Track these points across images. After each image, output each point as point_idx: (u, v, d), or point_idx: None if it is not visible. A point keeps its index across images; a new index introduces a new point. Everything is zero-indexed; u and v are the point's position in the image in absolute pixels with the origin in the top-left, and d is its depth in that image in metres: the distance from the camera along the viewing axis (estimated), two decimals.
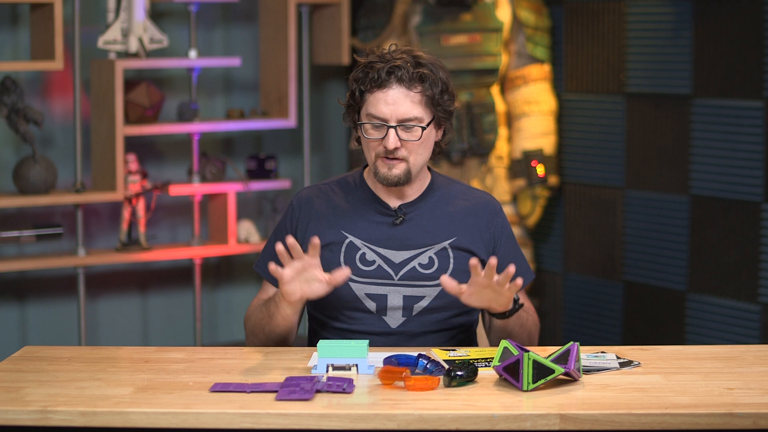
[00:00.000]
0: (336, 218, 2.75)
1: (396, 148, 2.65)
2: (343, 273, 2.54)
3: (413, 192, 2.77)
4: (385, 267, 2.72)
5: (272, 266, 2.52)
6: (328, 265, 2.72)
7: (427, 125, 2.68)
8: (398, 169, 2.67)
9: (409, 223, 2.75)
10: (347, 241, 2.73)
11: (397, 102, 2.65)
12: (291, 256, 2.52)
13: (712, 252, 4.43)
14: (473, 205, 2.79)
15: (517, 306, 2.63)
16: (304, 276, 2.55)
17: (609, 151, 4.76)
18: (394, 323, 2.72)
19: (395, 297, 2.72)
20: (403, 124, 2.65)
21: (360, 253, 2.73)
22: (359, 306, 2.72)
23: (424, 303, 2.72)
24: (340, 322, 2.74)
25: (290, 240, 2.50)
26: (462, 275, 2.72)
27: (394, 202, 2.76)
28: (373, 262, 2.72)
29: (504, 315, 2.64)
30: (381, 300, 2.72)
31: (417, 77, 2.66)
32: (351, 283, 2.72)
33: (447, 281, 2.52)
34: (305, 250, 2.59)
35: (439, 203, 2.78)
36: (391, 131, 2.65)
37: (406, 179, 2.69)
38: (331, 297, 2.72)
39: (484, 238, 2.77)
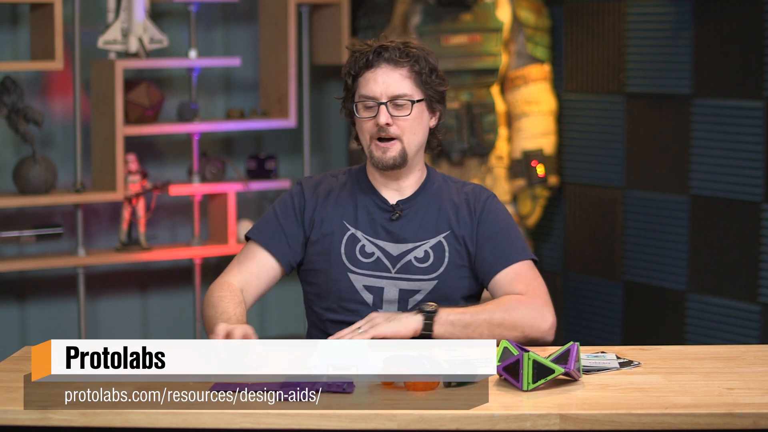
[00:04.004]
0: (339, 208, 2.78)
1: (388, 125, 2.69)
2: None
3: (410, 185, 2.79)
4: (384, 259, 2.74)
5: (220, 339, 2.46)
6: (329, 254, 2.75)
7: (418, 101, 2.71)
8: (393, 152, 2.70)
9: (406, 218, 2.78)
10: (349, 233, 2.76)
11: (386, 80, 2.70)
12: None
13: (712, 252, 4.43)
14: (464, 199, 2.81)
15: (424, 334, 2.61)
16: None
17: (609, 151, 4.76)
18: None
19: (391, 290, 2.73)
20: (394, 100, 2.69)
21: (360, 244, 2.75)
22: (356, 298, 2.73)
23: (419, 297, 2.73)
24: (336, 314, 2.75)
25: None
26: (457, 269, 2.75)
27: (392, 198, 2.79)
28: (372, 254, 2.75)
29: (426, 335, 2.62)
30: (377, 292, 2.73)
31: (404, 54, 2.70)
32: (350, 274, 2.74)
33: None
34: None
35: (434, 198, 2.80)
36: (382, 107, 2.69)
37: (402, 161, 2.72)
38: (330, 288, 2.75)
39: (471, 228, 2.77)
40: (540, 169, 4.81)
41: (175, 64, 4.76)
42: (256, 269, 2.77)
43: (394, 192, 2.79)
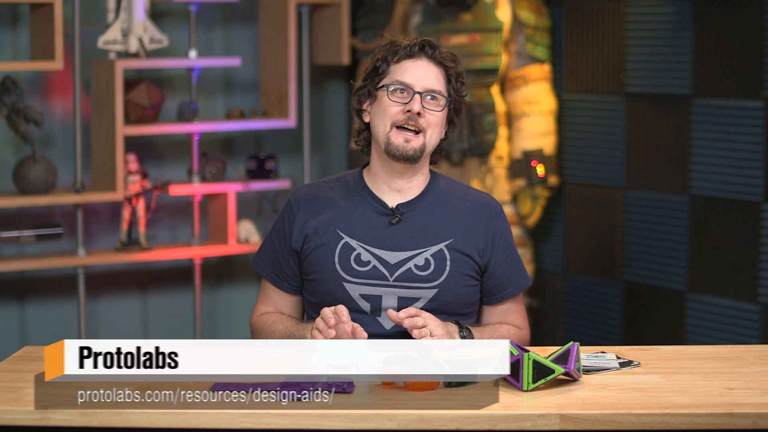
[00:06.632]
0: (332, 217, 2.77)
1: (419, 114, 2.70)
2: (361, 334, 2.59)
3: (413, 188, 2.78)
4: (380, 268, 2.72)
5: (319, 337, 2.58)
6: (323, 265, 2.74)
7: (447, 103, 2.75)
8: (416, 143, 2.71)
9: (407, 223, 2.76)
10: (342, 241, 2.74)
11: (425, 73, 2.74)
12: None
13: (712, 252, 4.43)
14: (472, 206, 2.80)
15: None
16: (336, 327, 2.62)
17: (609, 151, 4.76)
18: (388, 324, 2.72)
19: (390, 298, 2.72)
20: (429, 93, 2.73)
21: (355, 253, 2.73)
22: (353, 306, 2.72)
23: (419, 305, 2.71)
24: None
25: (340, 308, 2.59)
26: (458, 278, 2.74)
27: (392, 200, 2.77)
28: (368, 262, 2.73)
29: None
30: (375, 301, 2.72)
31: (449, 57, 2.77)
32: (345, 284, 2.72)
33: (392, 315, 2.61)
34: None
35: (437, 203, 2.78)
36: (417, 96, 2.71)
37: (419, 155, 2.72)
38: (326, 298, 2.74)
39: (480, 241, 2.77)
40: (540, 169, 4.81)
41: (175, 64, 4.76)
42: (279, 300, 2.85)
43: (395, 194, 2.78)
